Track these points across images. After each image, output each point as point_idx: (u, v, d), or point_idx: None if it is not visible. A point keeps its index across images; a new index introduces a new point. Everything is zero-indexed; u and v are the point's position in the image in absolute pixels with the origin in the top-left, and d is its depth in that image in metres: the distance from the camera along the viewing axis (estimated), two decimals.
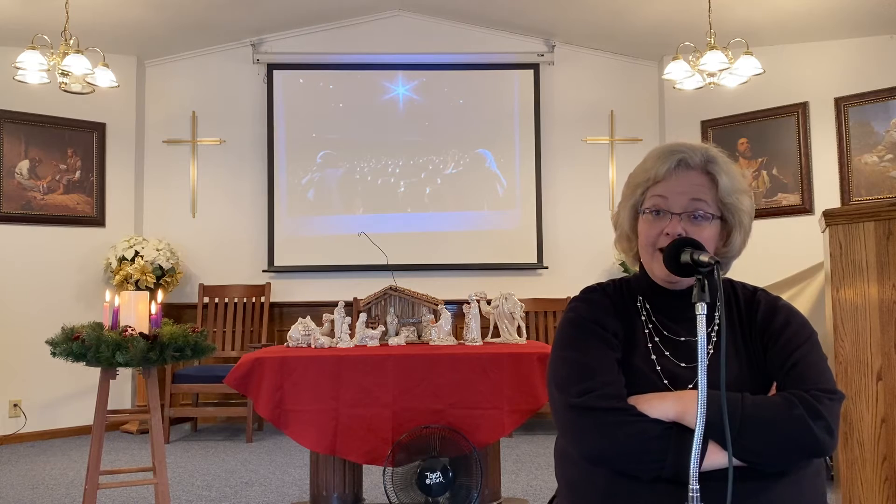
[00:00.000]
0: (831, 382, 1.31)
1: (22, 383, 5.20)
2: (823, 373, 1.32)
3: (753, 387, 1.32)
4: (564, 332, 1.43)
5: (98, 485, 2.76)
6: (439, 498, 2.76)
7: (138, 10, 5.06)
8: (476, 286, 3.88)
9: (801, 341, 1.34)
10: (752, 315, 1.40)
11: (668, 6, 5.05)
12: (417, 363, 2.83)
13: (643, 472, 1.25)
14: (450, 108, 5.98)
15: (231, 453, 4.66)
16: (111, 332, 2.69)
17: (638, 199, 1.42)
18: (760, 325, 1.38)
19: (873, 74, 5.03)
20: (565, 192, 5.99)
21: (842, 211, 2.44)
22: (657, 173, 1.38)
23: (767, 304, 1.41)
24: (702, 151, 1.39)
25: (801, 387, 1.28)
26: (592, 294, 1.48)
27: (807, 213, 5.21)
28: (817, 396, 1.26)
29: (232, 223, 5.93)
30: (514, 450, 4.63)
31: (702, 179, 1.37)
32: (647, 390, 1.32)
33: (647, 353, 1.37)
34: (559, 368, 1.38)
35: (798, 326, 1.37)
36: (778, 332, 1.36)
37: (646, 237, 1.39)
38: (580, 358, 1.35)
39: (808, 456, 1.26)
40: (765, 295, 1.44)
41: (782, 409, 1.25)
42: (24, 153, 5.31)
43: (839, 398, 1.29)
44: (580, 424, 1.31)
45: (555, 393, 1.36)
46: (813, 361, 1.32)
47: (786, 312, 1.39)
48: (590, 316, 1.41)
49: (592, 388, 1.30)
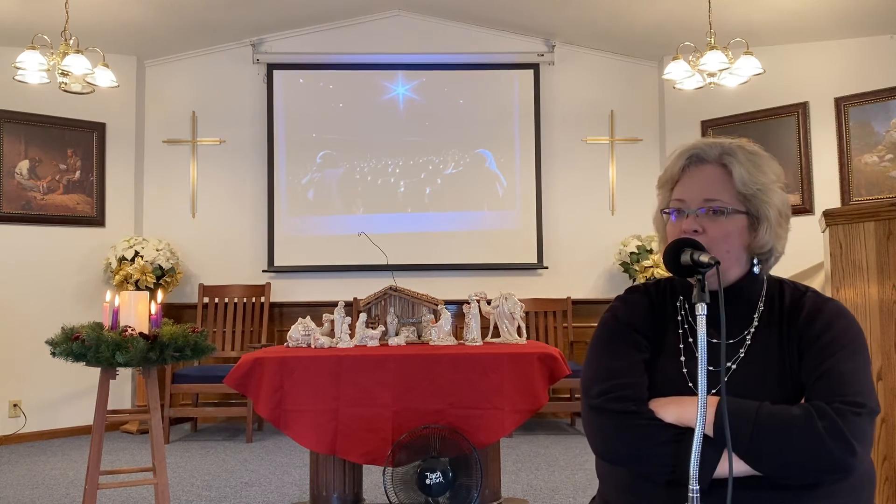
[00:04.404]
0: (863, 395, 1.20)
1: (22, 383, 5.19)
2: (854, 384, 1.21)
3: (781, 395, 1.26)
4: (598, 332, 1.45)
5: (98, 485, 2.75)
6: (439, 498, 2.76)
7: (138, 10, 5.06)
8: (476, 286, 3.88)
9: (839, 348, 1.25)
10: (794, 318, 1.32)
11: (668, 6, 5.05)
12: (417, 363, 2.83)
13: (654, 475, 1.26)
14: (450, 108, 5.98)
15: (231, 453, 4.66)
16: (111, 332, 2.68)
17: (664, 200, 1.41)
18: (800, 329, 1.30)
19: (873, 74, 5.02)
20: (565, 192, 5.99)
21: (842, 211, 2.44)
22: (673, 173, 1.39)
23: (812, 307, 1.32)
24: (721, 145, 1.36)
25: (826, 398, 1.21)
26: (633, 294, 1.47)
27: (807, 213, 5.21)
28: (840, 410, 1.18)
29: (232, 223, 5.92)
30: (514, 450, 4.63)
31: (717, 172, 1.35)
32: (671, 393, 1.32)
33: (677, 356, 1.36)
34: (587, 368, 1.41)
35: (840, 331, 1.27)
36: (816, 337, 1.28)
37: (669, 236, 1.38)
38: (607, 359, 1.37)
39: (824, 473, 1.18)
40: (814, 296, 1.34)
41: (798, 422, 1.18)
42: (24, 153, 5.31)
43: (868, 412, 1.19)
44: (596, 424, 1.34)
45: (582, 392, 1.40)
46: (847, 370, 1.23)
47: (829, 315, 1.30)
48: (624, 318, 1.41)
49: (610, 389, 1.32)
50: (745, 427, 1.20)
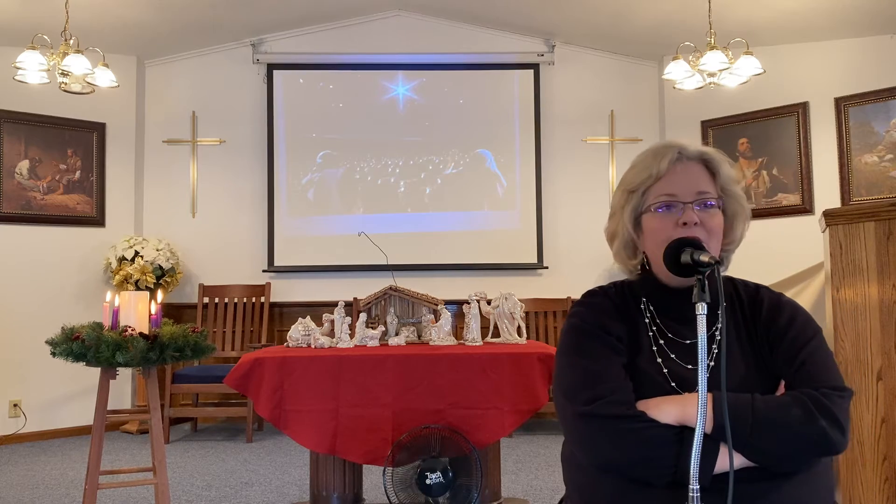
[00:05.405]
0: (839, 379, 1.31)
1: (22, 383, 5.20)
2: (831, 370, 1.31)
3: (762, 386, 1.31)
4: (569, 338, 1.41)
5: (98, 485, 2.76)
6: (439, 498, 2.76)
7: (138, 10, 5.06)
8: (476, 286, 3.88)
9: (808, 339, 1.33)
10: (755, 313, 1.38)
11: (668, 6, 5.05)
12: (417, 363, 2.83)
13: (655, 479, 1.24)
14: (450, 108, 5.98)
15: (231, 453, 4.66)
16: (111, 332, 2.68)
17: (638, 201, 1.39)
18: (765, 323, 1.37)
19: (873, 74, 5.03)
20: (565, 192, 5.99)
21: (842, 211, 2.44)
22: (659, 170, 1.37)
23: (771, 302, 1.39)
24: (693, 145, 1.40)
25: (810, 385, 1.28)
26: (595, 298, 1.45)
27: (807, 213, 5.21)
28: (828, 395, 1.25)
29: (232, 223, 5.93)
30: (514, 450, 4.63)
31: (701, 169, 1.38)
32: (654, 394, 1.31)
33: (653, 356, 1.36)
34: (566, 376, 1.36)
35: (803, 323, 1.36)
36: (783, 330, 1.35)
37: (660, 232, 1.35)
38: (587, 364, 1.34)
39: (821, 454, 1.26)
40: (767, 292, 1.42)
41: (794, 410, 1.24)
42: (24, 153, 5.31)
43: (849, 395, 1.28)
44: (590, 433, 1.29)
45: (563, 401, 1.34)
46: (820, 359, 1.31)
47: (790, 309, 1.38)
48: (593, 321, 1.39)
49: (601, 395, 1.29)
50: (746, 420, 1.22)
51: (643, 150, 1.43)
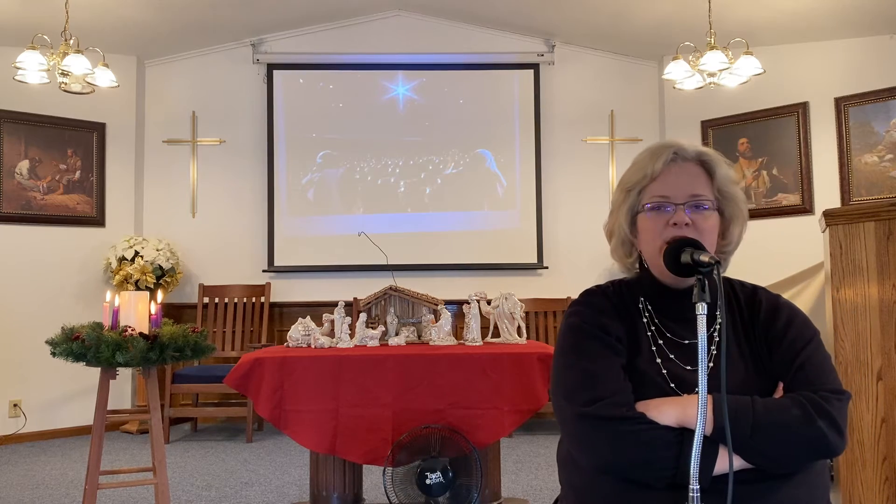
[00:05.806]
0: (837, 382, 1.31)
1: (22, 383, 5.20)
2: (829, 373, 1.31)
3: (760, 387, 1.31)
4: (567, 338, 1.39)
5: (98, 485, 2.76)
6: (439, 498, 2.76)
7: (138, 10, 5.06)
8: (476, 286, 3.88)
9: (806, 341, 1.33)
10: (753, 315, 1.38)
11: (668, 6, 5.05)
12: (417, 363, 2.83)
13: (655, 480, 1.23)
14: (450, 108, 5.98)
15: (231, 453, 4.66)
16: (111, 332, 2.68)
17: (634, 200, 1.40)
18: (763, 325, 1.36)
19: (873, 74, 5.03)
20: (565, 192, 5.99)
21: (842, 211, 2.44)
22: (654, 170, 1.36)
23: (769, 304, 1.39)
24: (692, 146, 1.39)
25: (808, 388, 1.27)
26: (593, 297, 1.44)
27: (807, 213, 5.21)
28: (826, 398, 1.25)
29: (232, 223, 5.93)
30: (514, 450, 4.63)
31: (698, 171, 1.37)
32: (654, 395, 1.30)
33: (652, 357, 1.35)
34: (565, 376, 1.35)
35: (801, 326, 1.36)
36: (782, 332, 1.34)
37: (651, 233, 1.35)
38: (585, 365, 1.32)
39: (820, 457, 1.26)
40: (765, 294, 1.42)
41: (793, 412, 1.24)
42: (24, 153, 5.31)
43: (847, 398, 1.28)
44: (591, 434, 1.28)
45: (562, 402, 1.33)
46: (819, 362, 1.32)
47: (788, 312, 1.38)
48: (592, 320, 1.38)
49: (601, 396, 1.28)
50: (746, 423, 1.22)
51: (645, 149, 1.43)
